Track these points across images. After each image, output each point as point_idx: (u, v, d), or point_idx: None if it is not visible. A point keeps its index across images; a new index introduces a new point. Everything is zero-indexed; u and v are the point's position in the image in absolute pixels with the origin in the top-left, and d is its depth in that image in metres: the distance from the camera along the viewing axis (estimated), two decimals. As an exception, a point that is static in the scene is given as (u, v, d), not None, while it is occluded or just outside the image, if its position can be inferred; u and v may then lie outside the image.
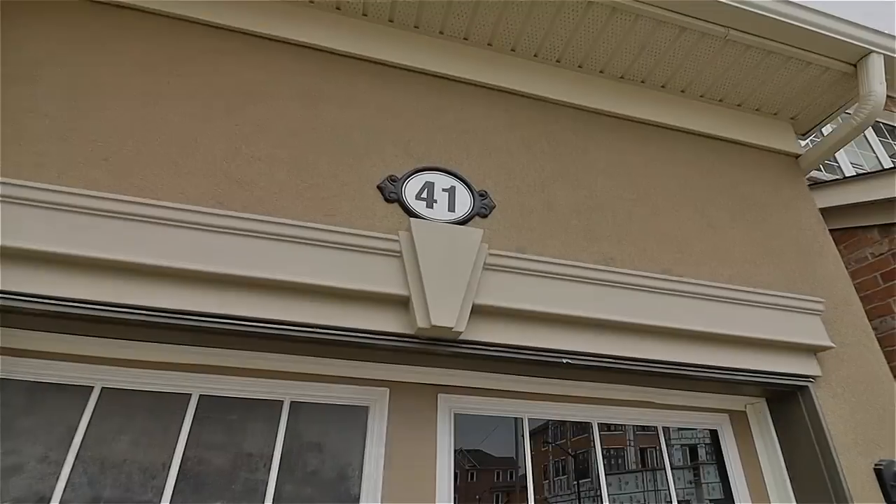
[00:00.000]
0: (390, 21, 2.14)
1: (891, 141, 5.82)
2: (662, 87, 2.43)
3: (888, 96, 5.84)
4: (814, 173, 4.93)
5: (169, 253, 1.40)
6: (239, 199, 1.58)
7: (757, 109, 2.57)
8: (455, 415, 1.71)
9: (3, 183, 1.36)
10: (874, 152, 5.60)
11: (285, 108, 1.82)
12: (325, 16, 2.07)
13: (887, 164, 5.53)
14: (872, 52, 2.29)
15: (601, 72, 2.36)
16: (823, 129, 3.57)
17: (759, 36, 2.20)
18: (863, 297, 3.13)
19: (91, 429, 1.41)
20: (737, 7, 2.08)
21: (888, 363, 2.87)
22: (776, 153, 2.52)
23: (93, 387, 1.46)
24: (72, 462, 1.36)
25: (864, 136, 5.66)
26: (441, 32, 2.19)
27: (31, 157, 1.49)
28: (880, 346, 2.88)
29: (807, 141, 3.65)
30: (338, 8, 2.09)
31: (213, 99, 1.74)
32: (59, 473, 1.34)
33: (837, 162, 5.32)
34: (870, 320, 3.00)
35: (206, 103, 1.73)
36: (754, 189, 2.35)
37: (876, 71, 2.28)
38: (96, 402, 1.45)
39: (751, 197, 2.31)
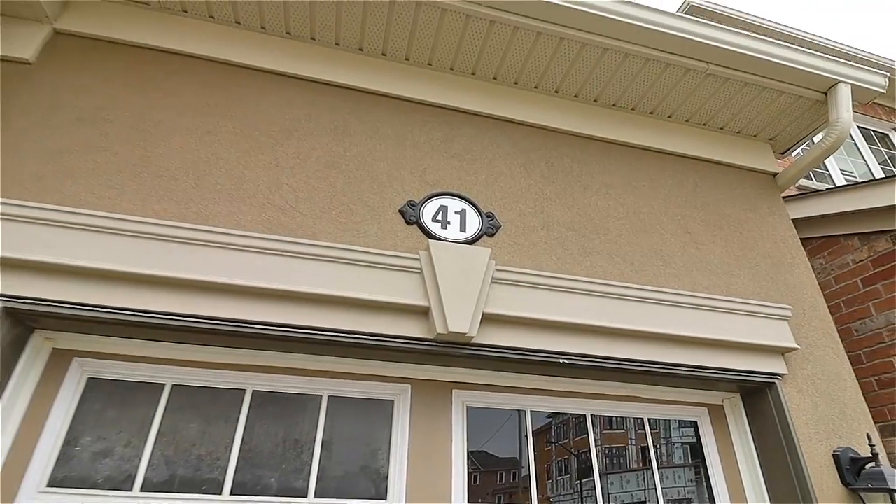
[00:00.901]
0: (406, 59, 2.41)
1: (881, 148, 6.03)
2: (650, 113, 2.69)
3: (879, 105, 6.07)
4: (804, 182, 5.17)
5: (226, 272, 1.68)
6: (283, 225, 1.86)
7: (738, 132, 2.83)
8: (467, 407, 1.99)
9: (94, 216, 1.64)
10: (864, 159, 5.82)
11: (319, 143, 2.09)
12: (349, 56, 2.34)
13: (877, 170, 5.74)
14: (840, 82, 2.54)
15: (595, 101, 2.63)
16: (814, 139, 3.80)
17: (736, 70, 2.46)
18: (845, 300, 3.37)
19: (165, 419, 1.69)
20: (715, 45, 2.34)
21: (869, 361, 3.12)
22: (755, 172, 2.78)
23: (164, 384, 1.75)
24: (151, 446, 1.64)
25: (855, 144, 5.89)
26: (451, 69, 2.45)
27: (109, 190, 1.77)
28: (862, 345, 3.13)
29: (798, 151, 3.88)
30: (360, 49, 2.36)
31: (258, 136, 2.02)
32: (141, 456, 1.62)
33: (827, 169, 5.54)
34: (852, 322, 3.26)
35: (252, 140, 2.01)
36: (733, 206, 2.61)
37: (843, 99, 2.53)
38: (168, 397, 1.73)
39: (730, 213, 2.57)
